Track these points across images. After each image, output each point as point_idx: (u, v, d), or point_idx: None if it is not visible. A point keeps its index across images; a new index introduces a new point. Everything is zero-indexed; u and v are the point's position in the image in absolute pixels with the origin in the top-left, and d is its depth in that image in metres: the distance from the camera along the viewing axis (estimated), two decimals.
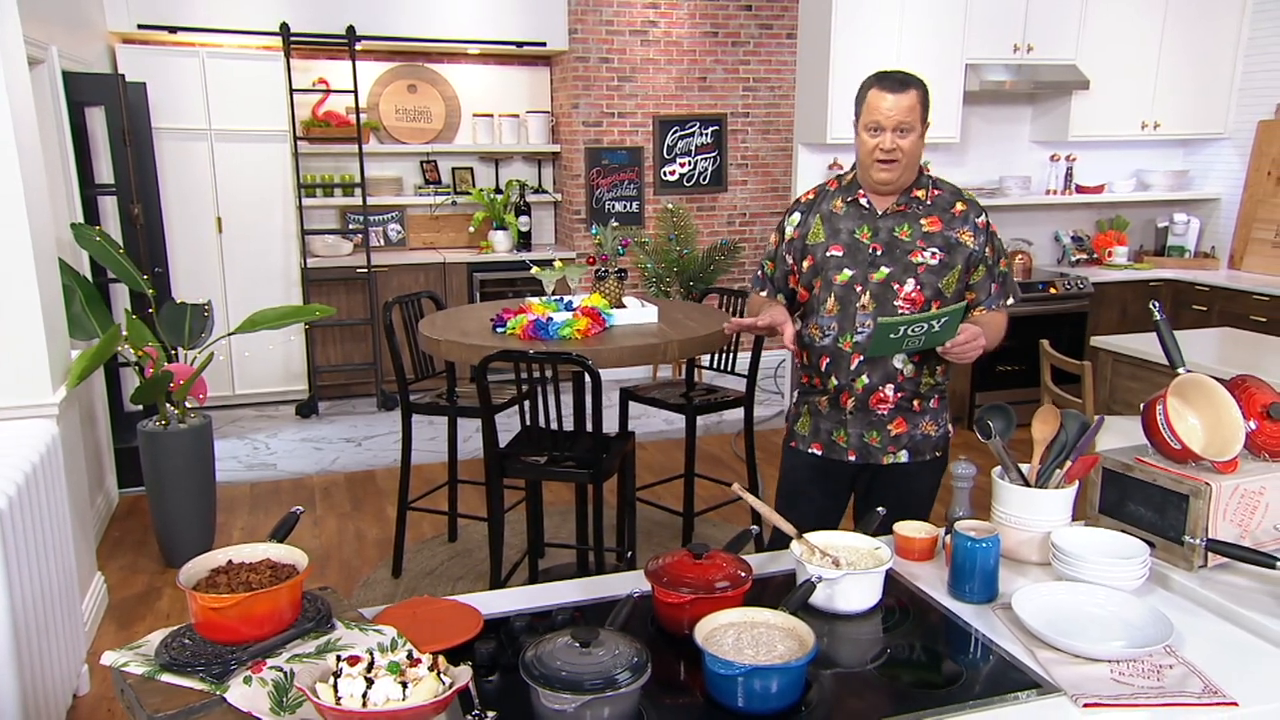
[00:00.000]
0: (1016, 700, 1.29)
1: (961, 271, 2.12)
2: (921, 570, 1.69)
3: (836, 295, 2.13)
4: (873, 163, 2.05)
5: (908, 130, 2.01)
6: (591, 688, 1.16)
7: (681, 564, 1.49)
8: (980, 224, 2.14)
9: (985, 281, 2.16)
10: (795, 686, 1.27)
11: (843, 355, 2.14)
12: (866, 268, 2.11)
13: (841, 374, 2.15)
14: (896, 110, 1.99)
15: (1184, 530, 1.63)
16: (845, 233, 2.13)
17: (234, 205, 5.44)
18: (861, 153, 2.08)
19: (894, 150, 2.01)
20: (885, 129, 2.01)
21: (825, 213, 2.17)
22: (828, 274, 2.13)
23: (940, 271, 2.10)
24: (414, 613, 1.46)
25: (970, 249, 2.12)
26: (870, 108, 2.02)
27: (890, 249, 2.10)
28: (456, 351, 2.82)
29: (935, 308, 2.08)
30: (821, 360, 2.18)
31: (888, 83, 2.02)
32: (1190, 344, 3.66)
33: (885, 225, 2.11)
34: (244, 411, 5.61)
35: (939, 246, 2.10)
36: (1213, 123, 5.56)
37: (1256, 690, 1.30)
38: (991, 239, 2.16)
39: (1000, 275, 2.18)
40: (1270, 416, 1.72)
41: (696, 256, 6.21)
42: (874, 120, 2.01)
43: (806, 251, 2.17)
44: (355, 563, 3.59)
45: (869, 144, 2.04)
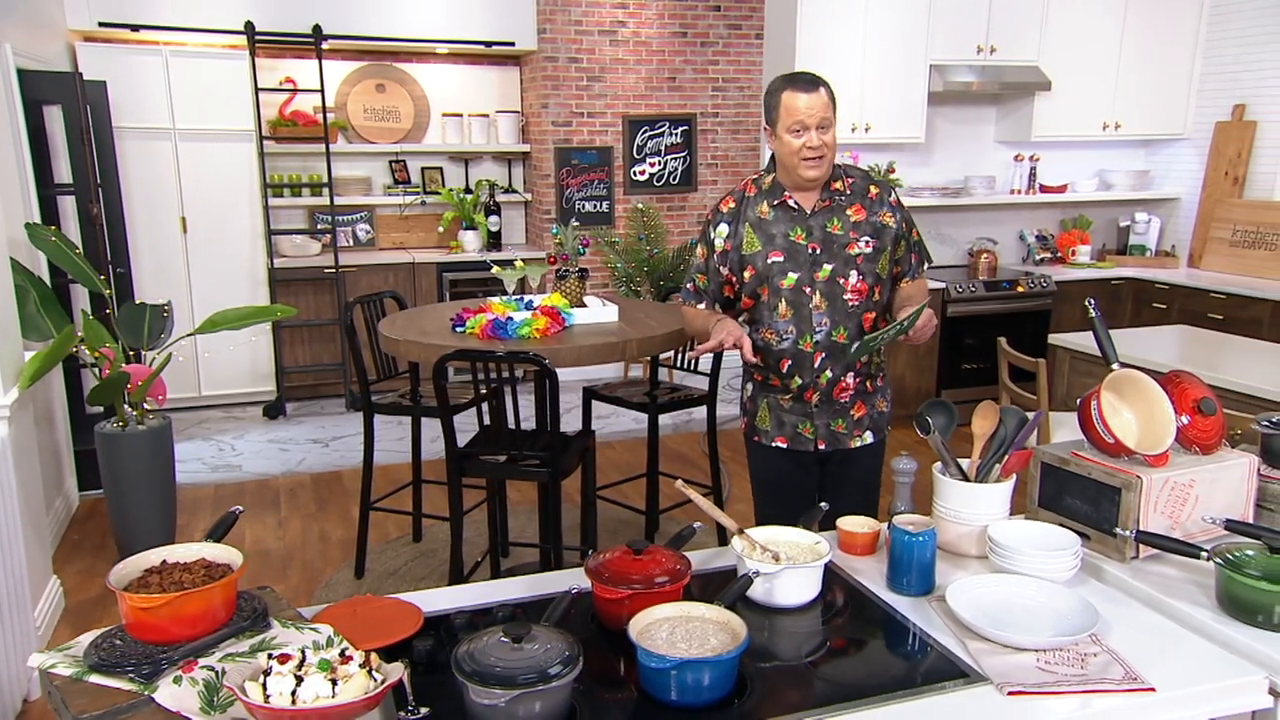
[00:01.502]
0: (944, 690, 1.31)
1: (890, 251, 2.19)
2: (863, 564, 1.72)
3: (787, 300, 2.16)
4: (799, 162, 2.08)
5: (828, 125, 2.07)
6: (522, 682, 1.17)
7: (621, 560, 1.51)
8: (894, 202, 2.21)
9: (906, 255, 2.25)
10: (727, 679, 1.29)
11: (804, 356, 2.17)
12: (810, 268, 2.15)
13: (805, 373, 2.19)
14: (816, 107, 2.04)
15: (1117, 522, 1.67)
16: (780, 237, 2.16)
17: (199, 205, 5.39)
18: (785, 154, 2.11)
19: (820, 147, 2.06)
20: (809, 127, 2.05)
21: (753, 220, 2.19)
22: (773, 280, 2.16)
23: (875, 258, 2.16)
24: (354, 611, 1.46)
25: (893, 229, 2.19)
26: (789, 109, 2.06)
27: (827, 245, 2.15)
28: (415, 351, 2.82)
29: (879, 292, 2.18)
30: (782, 363, 2.20)
31: (801, 83, 2.07)
32: (1148, 341, 3.73)
33: (817, 223, 2.15)
34: (210, 413, 5.56)
35: (869, 234, 2.16)
36: (1172, 124, 5.66)
37: (1175, 676, 1.33)
38: (905, 213, 2.24)
39: (916, 245, 2.27)
40: (1201, 411, 1.76)
41: (667, 256, 6.23)
42: (797, 121, 2.05)
43: (745, 262, 2.18)
44: (318, 564, 3.57)
45: (794, 145, 2.07)
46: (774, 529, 1.67)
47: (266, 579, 3.42)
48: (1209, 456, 1.75)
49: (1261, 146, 5.27)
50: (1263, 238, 5.17)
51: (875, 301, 2.19)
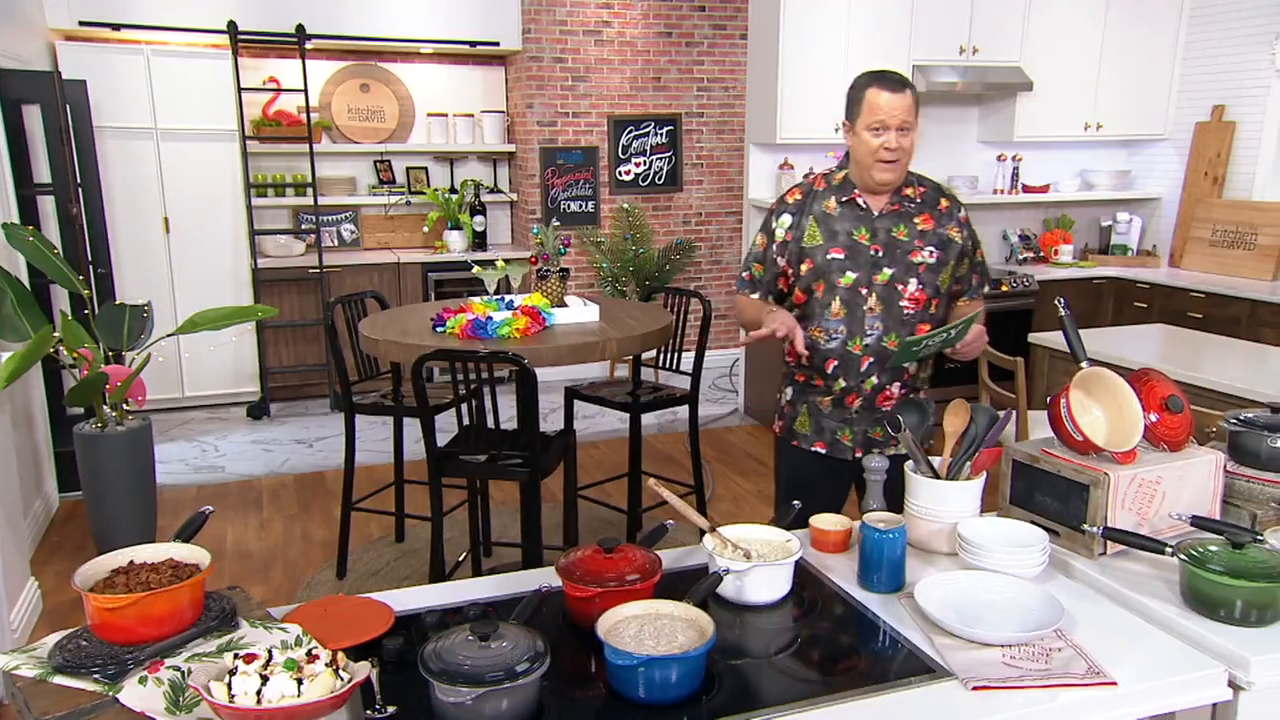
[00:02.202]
0: (909, 685, 1.32)
1: (953, 267, 2.16)
2: (836, 562, 1.73)
3: (842, 299, 2.12)
4: (875, 163, 2.04)
5: (909, 129, 2.02)
6: (488, 680, 1.17)
7: (593, 559, 1.51)
8: (962, 219, 2.18)
9: (969, 274, 2.23)
10: (695, 676, 1.30)
11: (852, 358, 2.14)
12: (870, 270, 2.11)
13: (851, 376, 2.16)
14: (899, 109, 1.99)
15: (1085, 519, 1.69)
16: (843, 234, 2.12)
17: (182, 205, 5.37)
18: (862, 153, 2.06)
19: (898, 149, 2.02)
20: (890, 128, 2.00)
21: (818, 214, 2.14)
22: (830, 277, 2.12)
23: (937, 270, 2.13)
24: (325, 611, 1.46)
25: (959, 244, 2.16)
26: (872, 107, 2.01)
27: (890, 249, 2.11)
28: (395, 351, 2.82)
29: (935, 305, 2.15)
30: (827, 363, 2.17)
31: (887, 82, 2.01)
32: (1125, 340, 3.75)
33: (883, 226, 2.11)
34: (194, 414, 5.54)
35: (935, 245, 2.12)
36: (1153, 124, 5.71)
37: (1137, 670, 1.35)
38: (972, 231, 2.21)
39: (979, 265, 2.25)
40: (1169, 409, 1.78)
41: (652, 256, 6.25)
42: (878, 120, 2.00)
43: (804, 255, 2.14)
44: (300, 564, 3.56)
45: (872, 144, 2.02)
46: (745, 526, 1.68)
47: (247, 580, 3.41)
48: (1177, 454, 1.77)
49: (1240, 147, 5.32)
50: (1241, 237, 5.22)
51: (931, 314, 2.16)
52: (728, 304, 6.65)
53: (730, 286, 6.62)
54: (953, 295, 2.22)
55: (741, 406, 5.60)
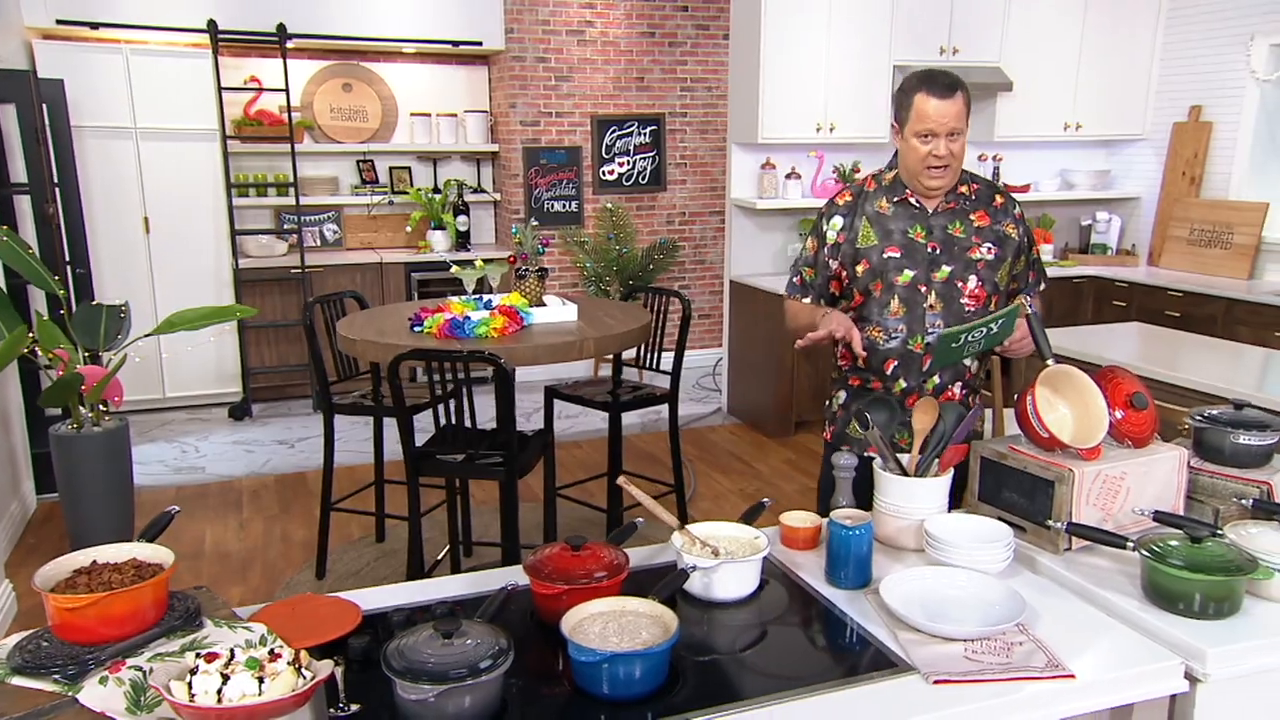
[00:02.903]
0: (871, 680, 1.34)
1: (1010, 264, 2.13)
2: (805, 559, 1.74)
3: (901, 297, 2.09)
4: (924, 170, 2.01)
5: (959, 135, 1.98)
6: (451, 677, 1.18)
7: (560, 557, 1.52)
8: (1018, 215, 2.16)
9: (1025, 271, 2.20)
10: (658, 671, 1.31)
11: (913, 357, 2.11)
12: (928, 267, 2.08)
13: (912, 376, 2.12)
14: (949, 116, 1.95)
15: (1050, 515, 1.70)
16: (898, 233, 2.09)
17: (162, 205, 5.34)
18: (912, 159, 2.03)
19: (947, 156, 1.98)
20: (938, 135, 1.96)
21: (871, 214, 2.12)
22: (888, 276, 2.09)
23: (996, 266, 2.10)
24: (293, 610, 1.47)
25: (1016, 241, 2.14)
26: (920, 114, 1.97)
27: (948, 247, 2.08)
28: (372, 351, 2.82)
29: (995, 303, 2.11)
30: (887, 364, 2.13)
31: (937, 87, 1.96)
32: (1099, 338, 3.78)
33: (938, 223, 2.09)
34: (175, 414, 5.51)
35: (992, 241, 2.10)
36: (1131, 124, 5.75)
37: (1095, 663, 1.37)
38: (1027, 227, 2.18)
39: (1035, 262, 2.23)
40: (1134, 406, 1.80)
41: (636, 255, 6.26)
42: (926, 127, 1.96)
43: (859, 256, 2.11)
44: (279, 565, 3.55)
45: (920, 151, 1.99)
46: (715, 524, 1.69)
47: (226, 581, 3.40)
48: (1141, 450, 1.79)
49: (1217, 147, 5.37)
50: (1218, 236, 5.27)
51: (990, 312, 2.10)
52: (712, 304, 6.67)
53: (714, 286, 6.64)
54: (1011, 294, 2.18)
55: (725, 406, 5.61)
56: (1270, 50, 5.01)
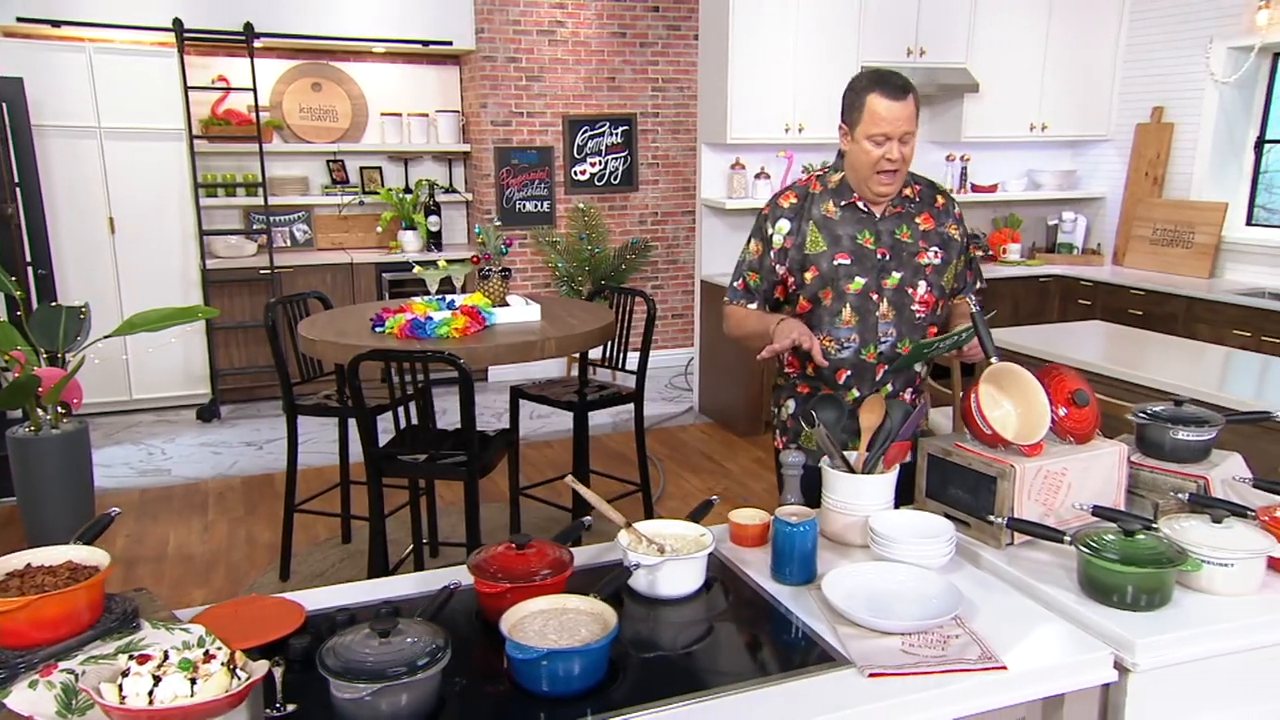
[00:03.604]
0: (809, 673, 1.35)
1: (954, 266, 2.11)
2: (753, 556, 1.76)
3: (853, 306, 2.05)
4: (874, 174, 1.96)
5: (910, 138, 1.94)
6: (386, 675, 1.18)
7: (504, 555, 1.53)
8: (957, 215, 2.13)
9: (964, 271, 2.17)
10: (597, 668, 1.32)
11: (866, 367, 2.07)
12: (878, 275, 2.04)
13: (865, 385, 2.08)
14: (903, 118, 1.90)
15: (993, 510, 1.73)
16: (847, 239, 2.04)
17: (128, 205, 5.29)
18: (862, 162, 1.97)
19: (899, 160, 1.94)
20: (892, 138, 1.91)
21: (818, 218, 2.06)
22: (839, 284, 2.04)
23: (942, 270, 2.08)
24: (236, 611, 1.46)
25: (958, 242, 2.12)
26: (873, 116, 1.91)
27: (897, 253, 2.05)
28: (332, 351, 2.81)
29: (941, 306, 2.10)
30: (839, 373, 2.09)
31: (890, 88, 1.91)
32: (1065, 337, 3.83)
33: (886, 229, 2.05)
34: (141, 416, 5.46)
35: (938, 245, 2.07)
36: (1096, 125, 5.83)
37: (1028, 654, 1.39)
38: (966, 227, 2.17)
39: (972, 262, 2.21)
40: (1075, 403, 1.83)
41: (608, 255, 6.27)
42: (880, 130, 1.91)
43: (808, 262, 2.06)
44: (244, 567, 3.53)
45: (873, 154, 1.93)
46: (661, 522, 1.70)
47: (188, 584, 3.38)
48: (1083, 446, 1.83)
49: (1179, 148, 5.46)
50: (1180, 236, 5.35)
51: (938, 316, 2.11)
52: (684, 303, 6.69)
53: (686, 286, 6.66)
54: (952, 294, 2.17)
55: (696, 405, 5.63)
56: (1228, 53, 5.10)
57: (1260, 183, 5.34)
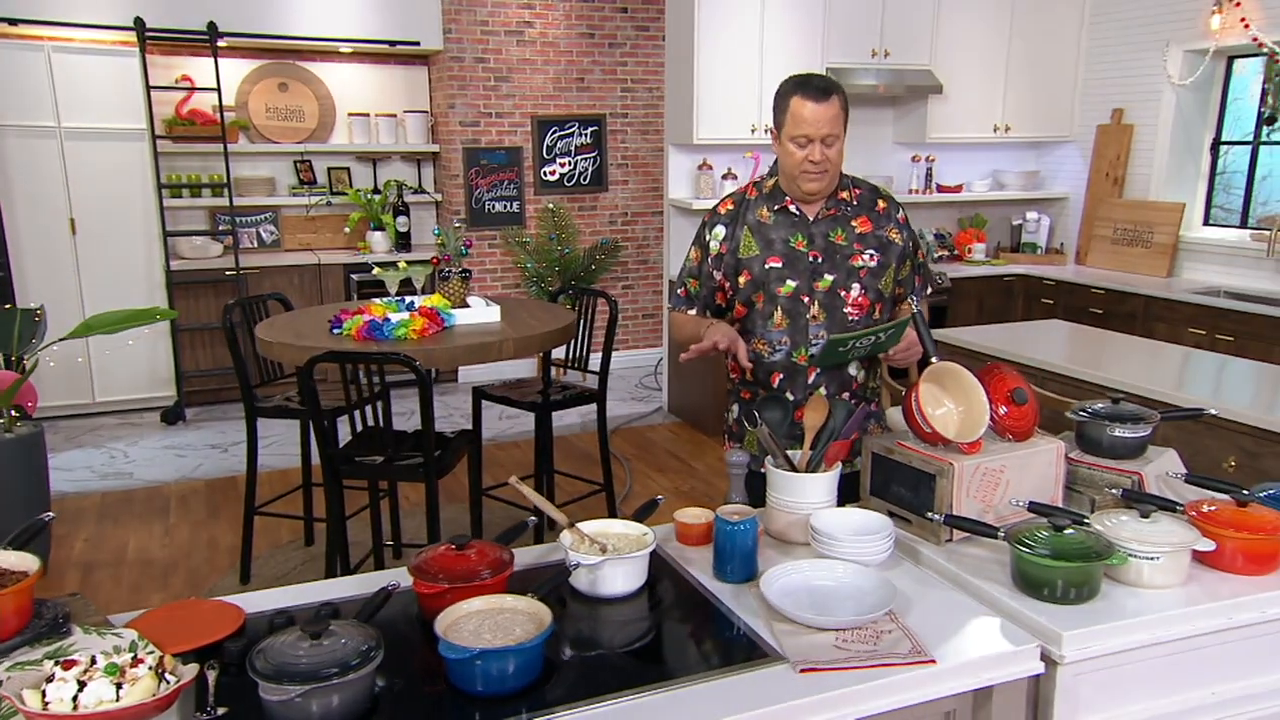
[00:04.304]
0: (742, 670, 1.37)
1: (894, 270, 2.11)
2: (697, 554, 1.77)
3: (784, 309, 2.07)
4: (800, 174, 2.00)
5: (834, 140, 1.97)
6: (319, 675, 1.19)
7: (444, 556, 1.54)
8: (901, 219, 2.14)
9: (910, 276, 2.17)
10: (531, 667, 1.33)
11: (798, 370, 2.09)
12: (809, 277, 2.06)
13: (798, 389, 2.09)
14: (823, 121, 1.93)
15: (933, 507, 1.76)
16: (779, 243, 2.07)
17: (89, 206, 5.23)
18: (789, 164, 2.01)
19: (824, 161, 1.97)
20: (814, 140, 1.95)
21: (752, 223, 2.10)
22: (770, 287, 2.07)
23: (879, 273, 2.09)
24: (173, 615, 1.46)
25: (899, 246, 2.12)
26: (796, 119, 1.95)
27: (830, 255, 2.06)
28: (288, 354, 2.80)
29: (879, 310, 2.10)
30: (773, 377, 2.11)
31: (811, 91, 1.94)
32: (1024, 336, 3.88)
33: (819, 231, 2.07)
34: (104, 419, 5.40)
35: (874, 248, 2.08)
36: (1058, 126, 5.91)
37: (958, 648, 1.42)
38: (912, 232, 2.17)
39: (920, 267, 2.21)
40: (1014, 401, 1.87)
41: (578, 256, 6.27)
42: (802, 132, 1.95)
43: (741, 266, 2.09)
44: (204, 571, 3.51)
45: (797, 155, 1.97)
46: (605, 521, 1.71)
47: (147, 588, 3.35)
48: (1021, 443, 1.86)
49: (1138, 149, 5.55)
50: (1139, 236, 5.44)
51: (875, 319, 2.11)
52: (654, 303, 6.70)
53: (657, 286, 6.68)
54: (896, 299, 2.18)
55: (665, 405, 5.65)
56: (1184, 56, 5.19)
57: (1218, 183, 5.45)
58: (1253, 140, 5.19)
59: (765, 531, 1.84)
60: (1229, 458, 2.66)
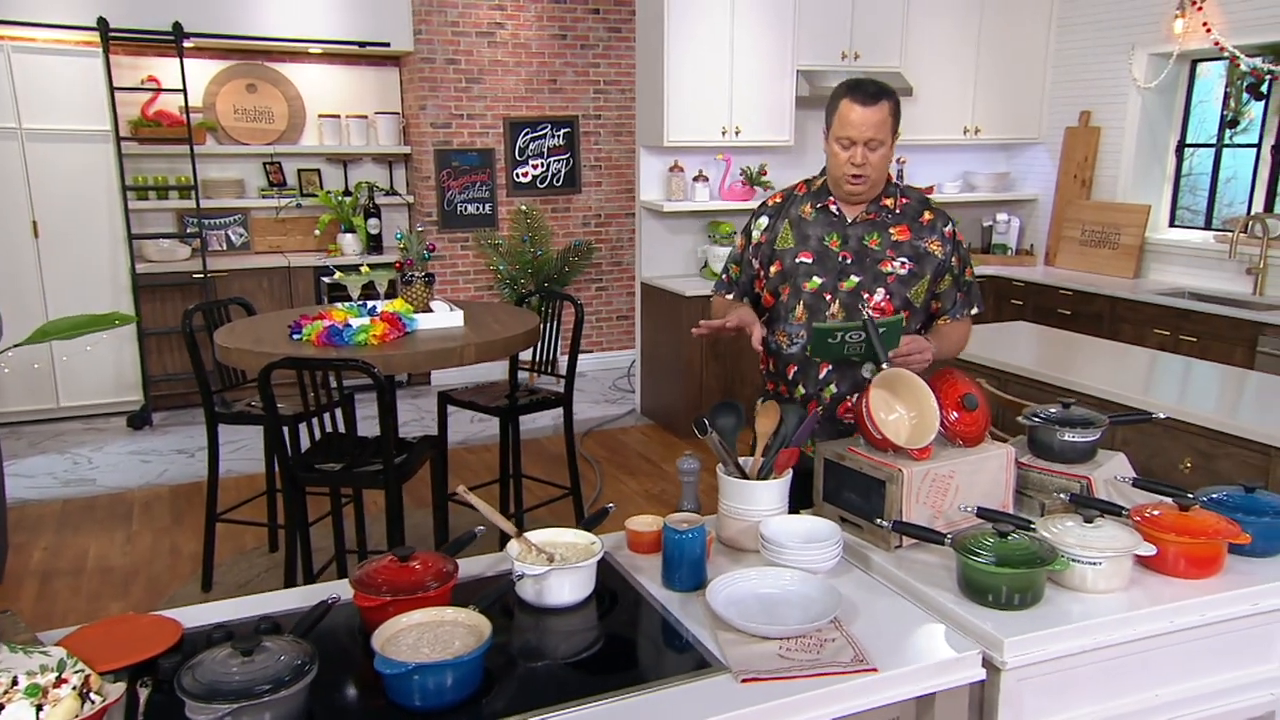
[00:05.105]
0: (685, 680, 1.37)
1: (930, 281, 2.11)
2: (647, 562, 1.77)
3: (805, 303, 2.11)
4: (843, 175, 2.03)
5: (878, 145, 1.99)
6: (250, 693, 1.17)
7: (388, 568, 1.52)
8: (948, 233, 2.13)
9: (950, 291, 2.16)
10: (469, 680, 1.32)
11: (811, 364, 2.12)
12: (836, 276, 2.09)
13: (810, 383, 2.13)
14: (869, 125, 1.96)
15: (883, 514, 1.76)
16: (814, 239, 2.11)
17: (52, 208, 5.15)
18: (833, 164, 2.05)
19: (864, 165, 2.00)
20: (857, 143, 1.98)
21: (794, 218, 2.15)
22: (796, 281, 2.11)
23: (909, 281, 2.09)
24: (107, 631, 1.44)
25: (938, 259, 2.11)
26: (842, 120, 1.99)
27: (860, 258, 2.09)
28: (247, 359, 2.77)
29: (905, 318, 2.08)
30: (789, 368, 2.15)
31: (860, 95, 1.97)
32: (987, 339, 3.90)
33: (855, 233, 2.10)
34: (69, 425, 5.32)
35: (908, 256, 2.09)
36: (1027, 128, 5.96)
37: (901, 656, 1.42)
38: (958, 248, 2.15)
39: (965, 285, 2.19)
40: (965, 406, 1.87)
41: (551, 258, 6.25)
42: (846, 135, 1.99)
43: (774, 257, 2.14)
44: (165, 579, 3.47)
45: (841, 156, 2.01)
46: (554, 530, 1.70)
47: (106, 597, 3.30)
48: (971, 449, 1.87)
49: (1105, 151, 5.60)
50: (1107, 237, 5.50)
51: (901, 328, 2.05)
52: (629, 305, 6.70)
53: (630, 288, 6.67)
54: (932, 313, 2.18)
55: (638, 407, 5.65)
56: (1149, 60, 5.24)
57: (1184, 185, 5.51)
58: (1216, 143, 5.26)
59: (718, 539, 1.84)
60: (1185, 459, 2.69)
